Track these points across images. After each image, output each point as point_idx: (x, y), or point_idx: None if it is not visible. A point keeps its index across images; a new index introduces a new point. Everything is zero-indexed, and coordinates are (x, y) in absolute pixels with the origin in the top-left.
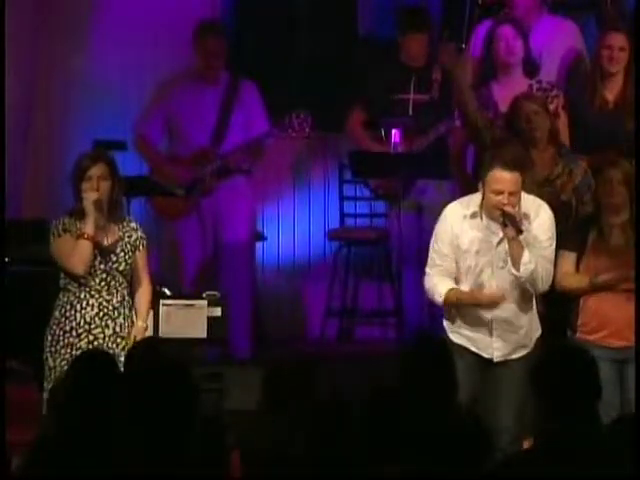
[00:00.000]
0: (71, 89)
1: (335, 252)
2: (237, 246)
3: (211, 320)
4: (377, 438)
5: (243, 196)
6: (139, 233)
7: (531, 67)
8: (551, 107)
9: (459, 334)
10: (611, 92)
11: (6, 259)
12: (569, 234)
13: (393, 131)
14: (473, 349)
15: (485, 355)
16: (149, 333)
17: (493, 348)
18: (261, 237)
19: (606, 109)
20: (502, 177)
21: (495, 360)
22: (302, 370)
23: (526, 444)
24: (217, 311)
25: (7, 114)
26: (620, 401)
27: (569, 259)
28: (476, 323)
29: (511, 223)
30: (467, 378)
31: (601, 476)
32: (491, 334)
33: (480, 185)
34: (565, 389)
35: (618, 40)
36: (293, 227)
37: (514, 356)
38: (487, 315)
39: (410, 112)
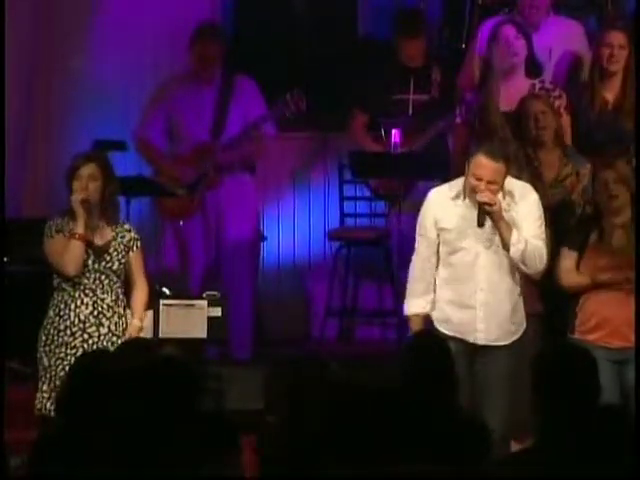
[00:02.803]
0: (71, 90)
1: (335, 252)
2: (239, 245)
3: (211, 320)
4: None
5: (246, 194)
6: (132, 234)
7: (534, 67)
8: (554, 107)
9: (445, 323)
10: (611, 92)
11: (5, 259)
12: (571, 233)
13: (393, 131)
14: (458, 336)
15: (469, 339)
16: (148, 333)
17: (477, 331)
18: (261, 237)
19: (606, 110)
20: (483, 163)
21: (479, 343)
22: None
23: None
24: (217, 311)
25: (7, 114)
26: (621, 403)
27: (570, 258)
28: (460, 306)
29: (484, 211)
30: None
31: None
32: (475, 317)
33: (467, 166)
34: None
35: (618, 38)
36: (293, 227)
37: (500, 343)
38: (471, 298)
39: (410, 112)
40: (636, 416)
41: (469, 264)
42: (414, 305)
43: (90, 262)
